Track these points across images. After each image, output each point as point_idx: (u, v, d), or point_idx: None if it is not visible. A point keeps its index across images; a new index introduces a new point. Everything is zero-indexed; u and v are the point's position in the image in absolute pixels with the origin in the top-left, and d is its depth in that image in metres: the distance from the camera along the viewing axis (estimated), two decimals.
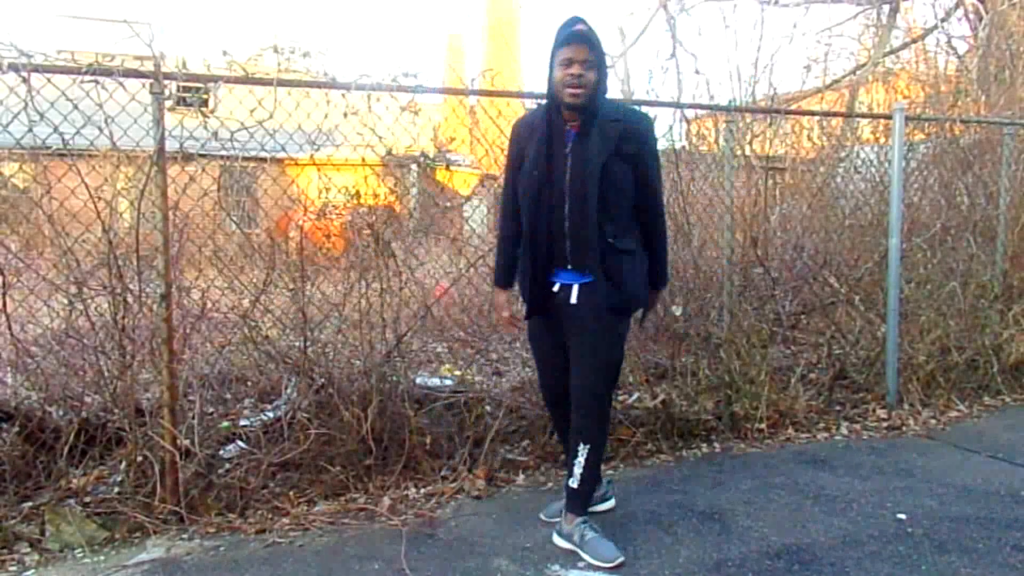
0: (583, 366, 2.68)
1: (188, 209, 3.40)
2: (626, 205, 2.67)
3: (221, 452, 3.36)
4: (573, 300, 2.66)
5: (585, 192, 2.57)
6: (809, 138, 6.23)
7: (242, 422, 3.55)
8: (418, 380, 3.85)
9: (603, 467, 3.59)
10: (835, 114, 6.52)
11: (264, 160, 3.65)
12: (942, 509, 3.13)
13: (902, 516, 3.06)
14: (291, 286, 3.59)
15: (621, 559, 2.64)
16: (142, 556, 2.78)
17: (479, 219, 5.03)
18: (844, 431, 4.21)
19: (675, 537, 2.88)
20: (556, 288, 2.70)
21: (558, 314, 2.72)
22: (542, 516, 3.02)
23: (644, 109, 4.38)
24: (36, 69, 2.80)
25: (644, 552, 2.76)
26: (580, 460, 2.70)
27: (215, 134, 3.26)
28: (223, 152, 3.41)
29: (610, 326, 2.67)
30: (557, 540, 2.80)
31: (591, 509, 2.92)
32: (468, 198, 4.66)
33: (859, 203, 5.43)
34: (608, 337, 2.68)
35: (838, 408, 4.46)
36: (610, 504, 3.10)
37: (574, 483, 2.73)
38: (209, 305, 3.54)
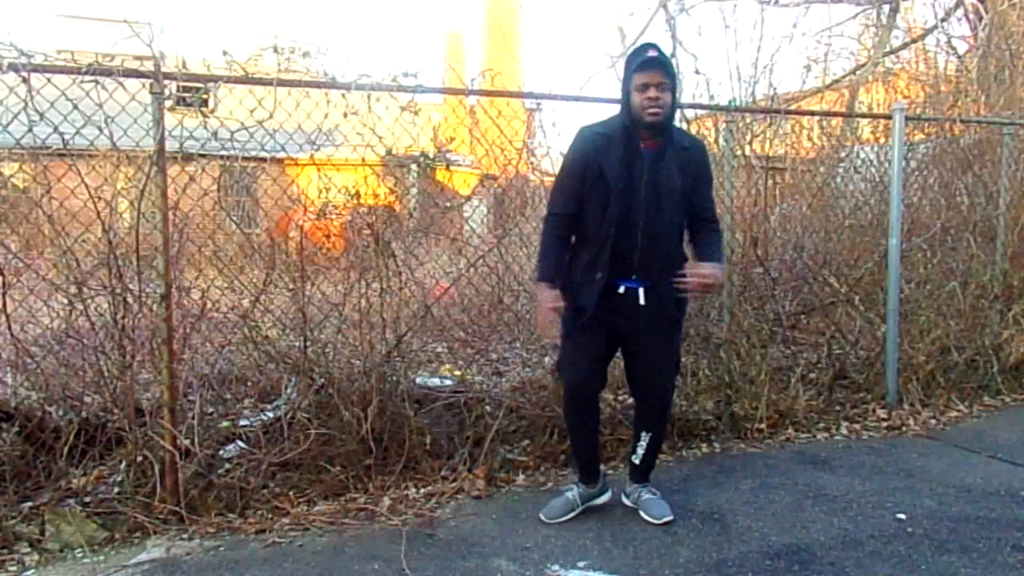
0: (653, 362, 2.94)
1: (188, 209, 3.40)
2: (683, 224, 2.96)
3: (221, 452, 3.36)
4: (642, 301, 2.84)
5: (661, 211, 2.80)
6: (809, 138, 6.23)
7: (242, 422, 3.54)
8: (418, 380, 3.85)
9: (603, 467, 3.60)
10: (835, 114, 6.52)
11: (264, 160, 3.65)
12: (942, 509, 3.13)
13: (902, 516, 3.06)
14: (291, 286, 3.59)
15: (668, 518, 2.98)
16: (142, 556, 2.78)
17: (479, 219, 5.03)
18: (844, 431, 4.21)
19: (675, 537, 2.88)
20: (621, 291, 2.85)
21: (618, 316, 2.86)
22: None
23: None
24: (36, 69, 2.80)
25: (644, 552, 2.76)
26: (643, 443, 3.06)
27: (215, 134, 3.25)
28: (223, 152, 3.40)
29: (675, 327, 3.00)
30: (624, 499, 3.16)
31: (591, 503, 3.12)
32: (468, 198, 4.65)
33: (859, 203, 5.43)
34: (675, 336, 3.03)
35: (838, 408, 4.46)
36: (607, 497, 3.17)
37: (636, 460, 3.11)
38: (209, 305, 3.53)
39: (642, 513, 3.03)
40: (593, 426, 3.12)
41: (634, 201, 2.78)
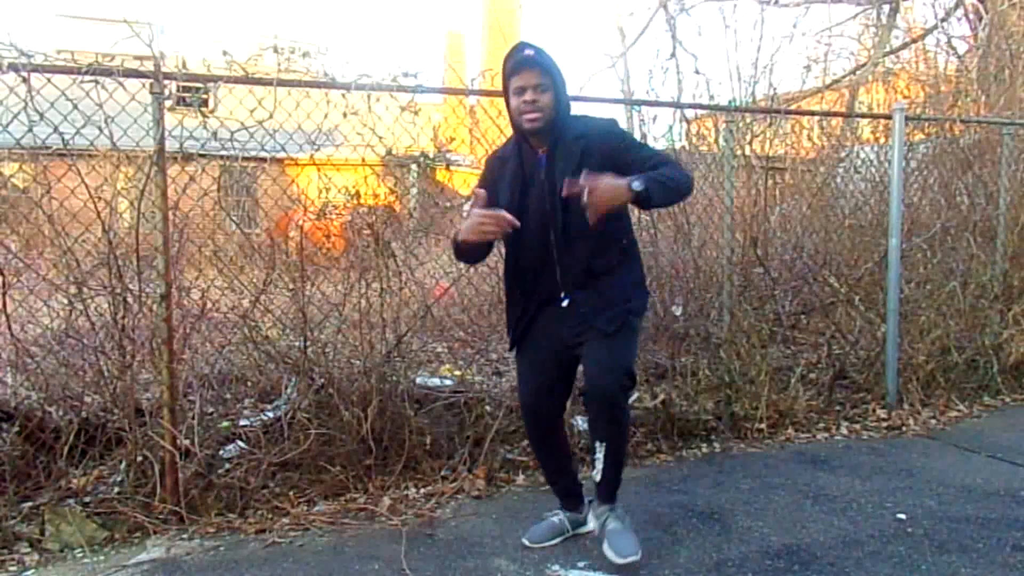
0: (598, 362, 2.54)
1: (188, 209, 3.40)
2: (611, 218, 2.46)
3: (221, 452, 3.36)
4: (582, 308, 2.56)
5: (568, 218, 2.49)
6: (809, 138, 6.23)
7: (242, 422, 3.54)
8: (418, 380, 3.85)
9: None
10: (835, 114, 6.52)
11: (264, 160, 3.65)
12: (942, 509, 3.13)
13: (902, 516, 3.06)
14: (291, 286, 3.59)
15: (633, 557, 2.55)
16: (142, 556, 2.78)
17: None
18: (844, 431, 4.21)
19: (675, 537, 2.88)
20: (564, 304, 2.58)
21: (561, 324, 2.60)
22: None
23: (644, 109, 4.41)
24: (36, 69, 2.80)
25: (644, 552, 2.75)
26: (600, 456, 2.59)
27: (215, 134, 3.26)
28: (223, 152, 3.41)
29: (624, 328, 2.57)
30: (590, 523, 2.82)
31: (579, 531, 2.85)
32: (468, 198, 4.65)
33: (859, 203, 5.43)
34: (623, 338, 2.57)
35: (838, 408, 4.46)
36: (590, 527, 2.85)
37: (596, 475, 2.64)
38: (209, 305, 3.53)
39: (605, 548, 2.60)
40: (559, 452, 2.84)
41: (534, 220, 2.51)
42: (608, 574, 2.61)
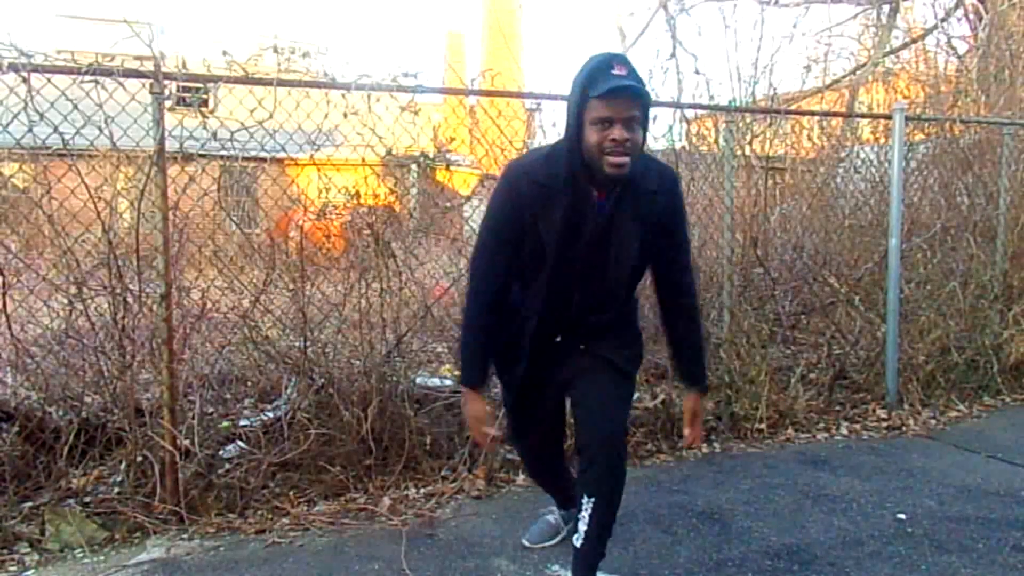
0: (596, 406, 2.25)
1: (188, 209, 3.40)
2: (636, 284, 2.31)
3: (221, 452, 3.36)
4: (581, 346, 2.29)
5: (606, 283, 2.18)
6: (809, 138, 6.23)
7: (242, 422, 3.54)
8: (418, 380, 3.85)
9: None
10: (835, 114, 6.52)
11: (264, 160, 3.65)
12: (942, 509, 3.13)
13: (902, 516, 3.06)
14: (291, 286, 3.59)
15: None
16: (142, 556, 2.78)
17: (479, 219, 5.02)
18: (844, 431, 4.21)
19: (675, 537, 2.88)
20: (559, 339, 2.30)
21: (556, 365, 2.32)
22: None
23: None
24: (36, 69, 2.80)
25: (644, 552, 2.76)
26: (586, 513, 2.19)
27: (215, 134, 3.25)
28: (223, 152, 3.41)
29: (623, 376, 2.31)
30: None
31: (564, 533, 2.79)
32: (468, 198, 4.65)
33: (859, 203, 5.43)
34: (623, 386, 2.32)
35: (838, 408, 4.46)
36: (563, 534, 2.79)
37: (577, 540, 2.25)
38: (209, 305, 3.53)
39: None
40: (560, 478, 2.72)
41: (572, 272, 2.14)
42: (608, 574, 2.60)
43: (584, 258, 2.14)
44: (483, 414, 2.26)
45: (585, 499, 2.17)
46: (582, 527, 2.21)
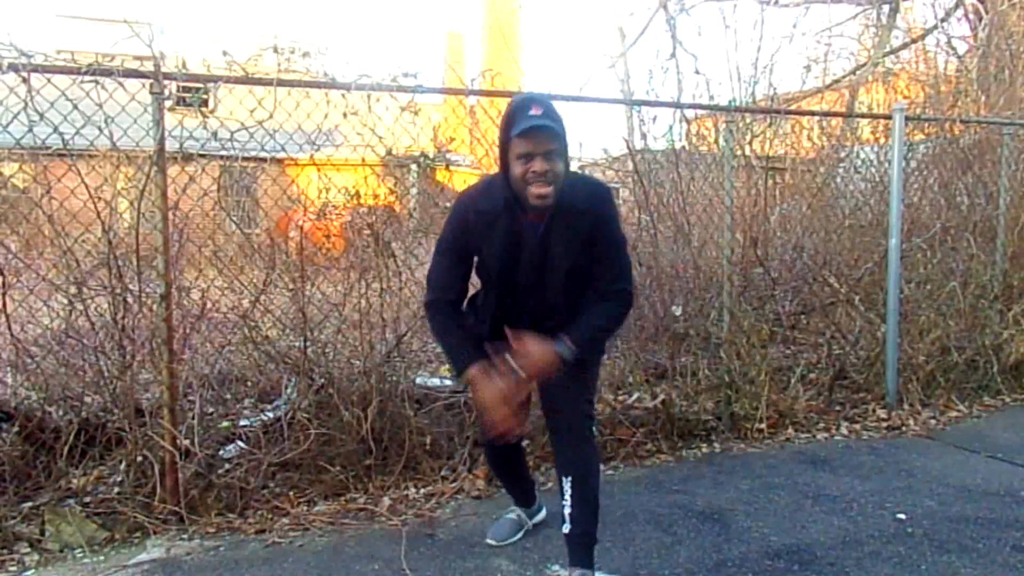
0: (559, 394, 2.43)
1: (188, 209, 3.40)
2: (585, 286, 2.42)
3: (221, 452, 3.36)
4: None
5: (545, 292, 2.38)
6: (809, 138, 6.23)
7: (242, 422, 3.55)
8: (418, 380, 3.85)
9: (603, 468, 3.59)
10: (835, 114, 6.53)
11: (264, 160, 3.65)
12: (942, 509, 3.13)
13: (902, 516, 3.06)
14: (291, 286, 3.59)
15: None
16: (142, 556, 2.78)
17: None
18: (844, 431, 4.21)
19: (675, 537, 2.88)
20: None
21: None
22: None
23: (644, 109, 4.41)
24: (36, 69, 2.80)
25: (644, 552, 2.76)
26: (568, 494, 2.38)
27: (215, 134, 3.26)
28: (223, 152, 3.41)
29: (584, 366, 2.42)
30: (543, 508, 2.97)
31: (535, 520, 2.96)
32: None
33: (859, 203, 5.44)
34: (585, 373, 2.47)
35: (838, 408, 4.46)
36: (543, 514, 3.00)
37: (565, 527, 2.40)
38: (209, 305, 3.53)
39: None
40: (522, 473, 2.93)
41: (517, 287, 2.38)
42: (608, 574, 2.61)
43: (525, 274, 2.36)
44: (498, 392, 2.27)
45: (564, 480, 2.39)
46: (567, 511, 2.37)
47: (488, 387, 2.28)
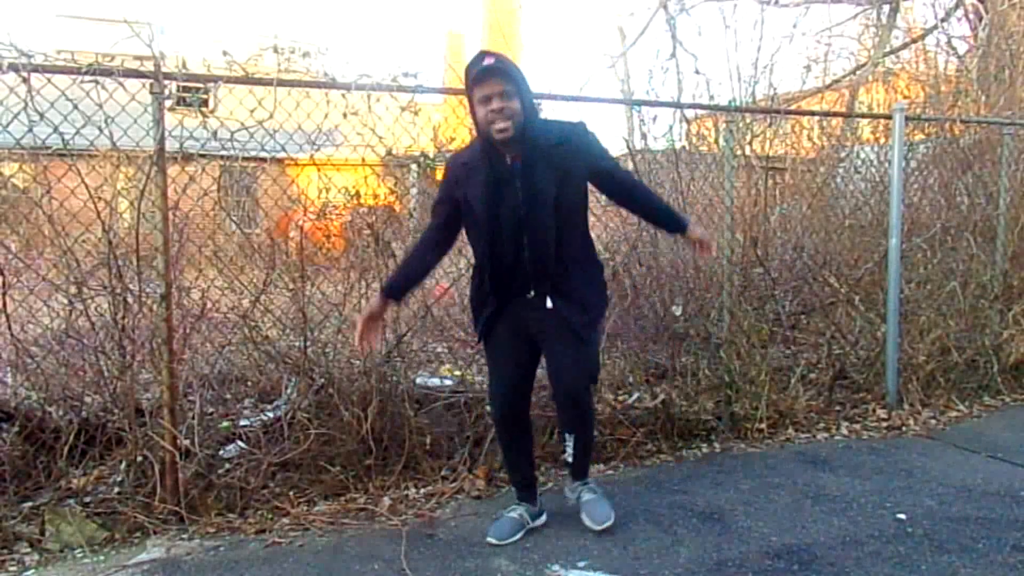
0: (563, 364, 2.76)
1: (188, 209, 3.40)
2: (580, 222, 2.76)
3: (221, 452, 3.36)
4: (549, 305, 2.69)
5: (543, 224, 2.60)
6: (809, 138, 6.23)
7: (242, 422, 3.55)
8: (418, 380, 3.85)
9: (603, 468, 3.60)
10: (835, 114, 6.53)
11: (264, 160, 3.65)
12: (942, 509, 3.13)
13: (902, 516, 3.06)
14: (291, 286, 3.59)
15: (608, 522, 2.86)
16: (142, 556, 2.78)
17: None
18: (844, 431, 4.21)
19: (675, 537, 2.88)
20: (530, 295, 2.72)
21: (527, 316, 2.75)
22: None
23: (644, 109, 4.40)
24: (36, 69, 2.80)
25: (644, 552, 2.76)
26: (570, 444, 2.91)
27: (215, 134, 3.25)
28: (223, 152, 3.41)
29: (586, 332, 2.75)
30: (566, 493, 3.08)
31: (533, 525, 2.94)
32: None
33: (859, 203, 5.43)
34: (587, 342, 2.77)
35: (838, 408, 4.46)
36: (543, 519, 2.99)
37: (569, 459, 2.97)
38: (209, 305, 3.53)
39: (583, 517, 2.91)
40: (524, 443, 2.98)
41: (508, 225, 2.60)
42: (608, 574, 2.61)
43: (512, 212, 2.59)
44: (374, 312, 2.78)
45: (567, 435, 2.91)
46: (570, 449, 2.93)
47: (368, 308, 2.80)
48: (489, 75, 2.49)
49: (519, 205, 2.59)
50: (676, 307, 4.30)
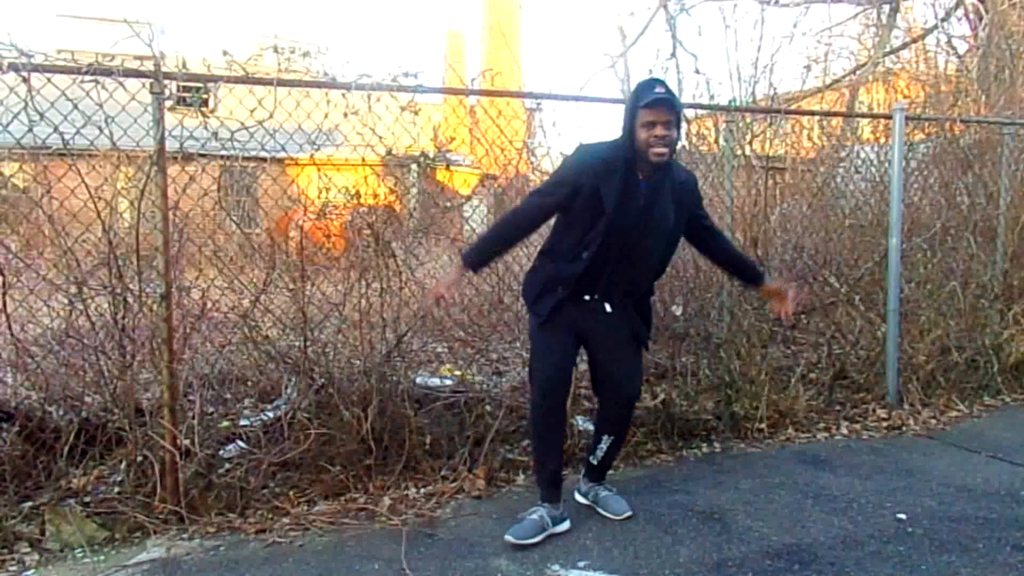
0: (622, 367, 2.94)
1: (188, 209, 3.40)
2: (671, 253, 3.04)
3: (221, 452, 3.36)
4: (608, 309, 2.88)
5: (645, 248, 2.84)
6: (809, 138, 6.23)
7: (242, 422, 3.55)
8: (418, 380, 3.85)
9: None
10: (835, 114, 6.53)
11: (264, 160, 3.65)
12: (942, 509, 3.13)
13: (902, 516, 3.06)
14: (291, 286, 3.59)
15: (628, 513, 3.03)
16: (142, 556, 2.78)
17: (479, 219, 5.02)
18: (844, 431, 4.21)
19: (675, 537, 2.88)
20: (587, 298, 2.87)
21: (583, 318, 2.89)
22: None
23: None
24: (36, 69, 2.80)
25: (644, 552, 2.76)
26: (604, 446, 3.07)
27: (215, 134, 3.25)
28: (223, 152, 3.40)
29: (640, 341, 3.01)
30: (577, 496, 3.19)
31: (555, 530, 2.90)
32: (468, 198, 4.65)
33: (859, 203, 5.43)
34: (640, 349, 3.04)
35: (838, 408, 4.46)
36: (566, 525, 2.95)
37: (595, 460, 3.12)
38: (209, 305, 3.53)
39: (601, 510, 3.07)
40: (560, 433, 3.03)
41: (622, 233, 2.76)
42: (608, 574, 2.61)
43: (632, 220, 2.76)
44: (453, 281, 2.94)
45: (604, 437, 3.05)
46: (600, 453, 3.08)
47: (449, 276, 2.97)
48: (661, 104, 2.67)
49: (636, 222, 2.77)
50: (676, 307, 4.30)
